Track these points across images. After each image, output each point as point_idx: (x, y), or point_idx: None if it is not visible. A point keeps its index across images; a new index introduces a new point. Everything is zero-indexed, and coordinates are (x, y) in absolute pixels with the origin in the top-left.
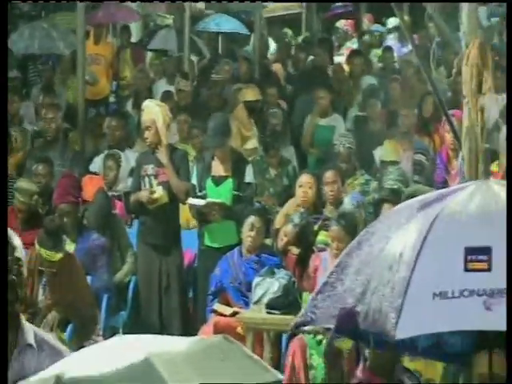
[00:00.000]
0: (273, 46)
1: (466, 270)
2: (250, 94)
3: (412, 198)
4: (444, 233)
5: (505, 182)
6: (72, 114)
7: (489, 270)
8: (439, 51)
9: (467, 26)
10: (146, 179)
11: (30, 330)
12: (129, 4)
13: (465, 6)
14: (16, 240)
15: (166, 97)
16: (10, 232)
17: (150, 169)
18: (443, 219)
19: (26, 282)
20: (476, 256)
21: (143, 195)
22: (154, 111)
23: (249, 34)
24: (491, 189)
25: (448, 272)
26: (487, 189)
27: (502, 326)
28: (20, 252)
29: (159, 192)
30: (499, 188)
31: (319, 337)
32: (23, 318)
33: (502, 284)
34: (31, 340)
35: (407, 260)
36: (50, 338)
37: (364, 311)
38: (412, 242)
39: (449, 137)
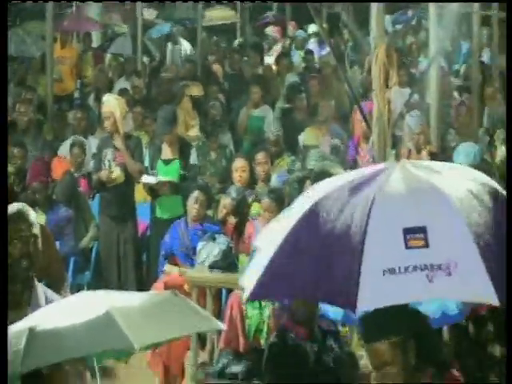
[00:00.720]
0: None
1: (407, 247)
2: (195, 89)
3: (320, 174)
4: (383, 216)
5: (415, 162)
6: (43, 107)
7: (426, 246)
8: (352, 53)
9: (376, 31)
10: (106, 161)
11: (41, 292)
12: (89, 14)
13: (373, 16)
14: (33, 216)
15: (123, 92)
16: (28, 208)
17: (109, 153)
18: (379, 203)
19: (40, 253)
20: (413, 235)
21: (103, 175)
22: (112, 104)
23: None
24: (407, 169)
25: (392, 250)
26: (403, 169)
27: (442, 295)
28: (36, 228)
29: (117, 172)
30: (412, 167)
31: None
32: (36, 281)
33: (439, 258)
34: (42, 299)
35: (356, 242)
36: (57, 296)
37: (321, 291)
38: (357, 226)
39: (361, 124)
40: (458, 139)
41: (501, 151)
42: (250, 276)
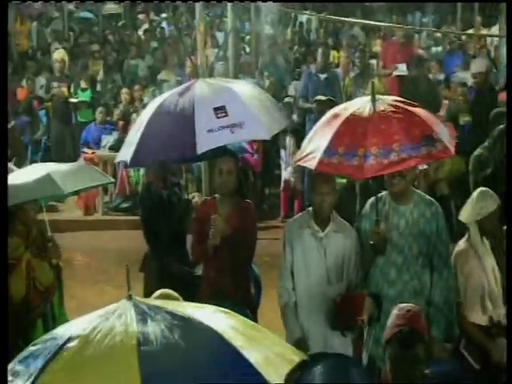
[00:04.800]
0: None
1: (217, 118)
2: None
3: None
4: (201, 102)
5: (209, 79)
6: (11, 59)
7: (227, 115)
8: (186, 29)
9: (198, 17)
10: (55, 85)
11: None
12: (35, 6)
13: (197, 8)
14: None
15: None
16: None
17: (56, 84)
18: (198, 97)
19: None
20: (219, 110)
21: (55, 91)
22: (61, 53)
23: (96, 19)
24: (207, 81)
25: (210, 120)
26: (205, 82)
27: (239, 139)
28: None
29: (63, 90)
30: (209, 81)
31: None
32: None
33: (234, 120)
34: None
35: (189, 117)
36: (16, 168)
37: (173, 153)
38: (189, 109)
39: (192, 67)
40: (244, 77)
41: (266, 82)
42: (125, 150)
